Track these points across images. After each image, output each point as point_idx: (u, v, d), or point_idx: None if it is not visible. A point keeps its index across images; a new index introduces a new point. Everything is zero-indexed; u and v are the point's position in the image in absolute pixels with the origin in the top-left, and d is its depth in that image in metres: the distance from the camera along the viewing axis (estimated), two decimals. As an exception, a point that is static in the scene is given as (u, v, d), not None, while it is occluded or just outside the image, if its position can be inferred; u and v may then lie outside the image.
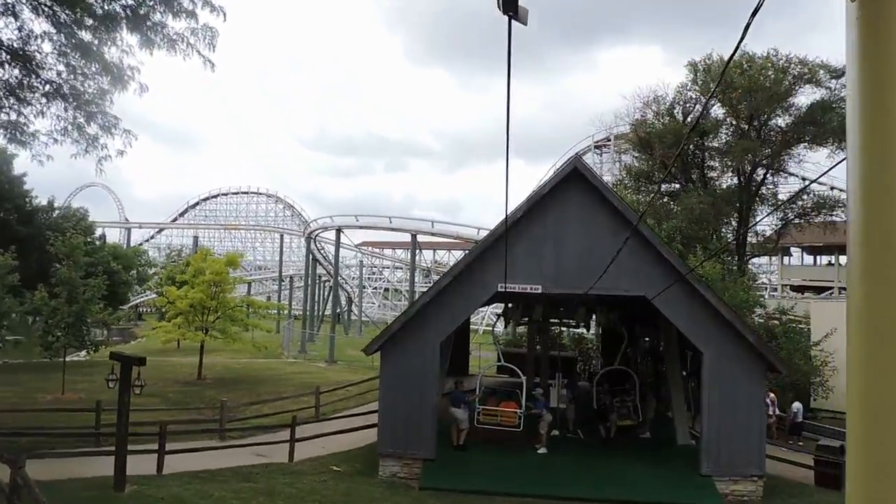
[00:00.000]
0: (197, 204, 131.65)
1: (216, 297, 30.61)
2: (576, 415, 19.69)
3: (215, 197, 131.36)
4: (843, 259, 54.88)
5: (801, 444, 22.39)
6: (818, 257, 58.69)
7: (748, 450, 15.58)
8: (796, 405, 23.26)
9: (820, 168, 34.42)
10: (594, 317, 22.66)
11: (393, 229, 46.38)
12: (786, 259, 59.31)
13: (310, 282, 54.52)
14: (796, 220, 35.59)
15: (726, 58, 33.72)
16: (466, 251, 23.82)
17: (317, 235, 53.16)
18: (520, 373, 18.41)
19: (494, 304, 59.43)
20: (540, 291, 15.99)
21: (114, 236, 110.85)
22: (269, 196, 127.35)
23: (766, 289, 53.98)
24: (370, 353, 16.42)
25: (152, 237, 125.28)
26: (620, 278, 15.90)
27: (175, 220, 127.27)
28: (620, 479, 15.90)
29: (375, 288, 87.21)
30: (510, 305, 20.69)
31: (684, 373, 22.42)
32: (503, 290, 15.83)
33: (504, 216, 11.87)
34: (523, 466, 16.35)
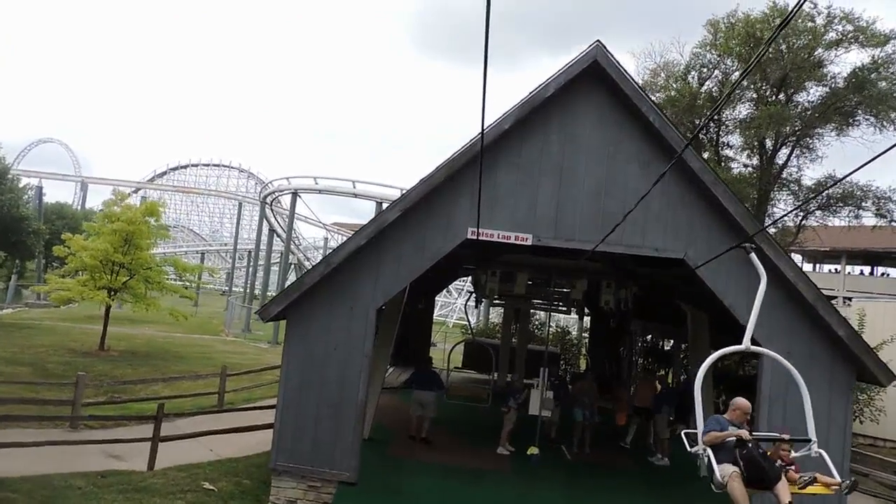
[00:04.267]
0: (165, 173, 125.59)
1: (128, 251, 24.92)
2: (560, 421, 14.66)
3: (185, 167, 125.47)
4: (850, 268, 50.47)
5: None
6: (818, 265, 54.12)
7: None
8: None
9: (847, 152, 29.54)
10: (594, 299, 17.23)
11: (356, 195, 40.72)
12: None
13: (262, 254, 48.76)
14: (818, 212, 30.77)
15: (752, 16, 28.91)
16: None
17: (273, 201, 47.36)
18: (493, 355, 13.58)
19: (462, 285, 54.23)
20: (530, 242, 10.71)
21: (69, 197, 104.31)
22: (241, 171, 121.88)
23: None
24: (268, 319, 11.06)
25: (115, 205, 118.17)
26: (650, 232, 10.74)
27: (138, 190, 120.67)
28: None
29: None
30: (484, 276, 15.43)
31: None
32: (475, 237, 10.54)
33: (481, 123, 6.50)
34: (484, 501, 11.08)
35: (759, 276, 7.29)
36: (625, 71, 10.50)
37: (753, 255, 7.20)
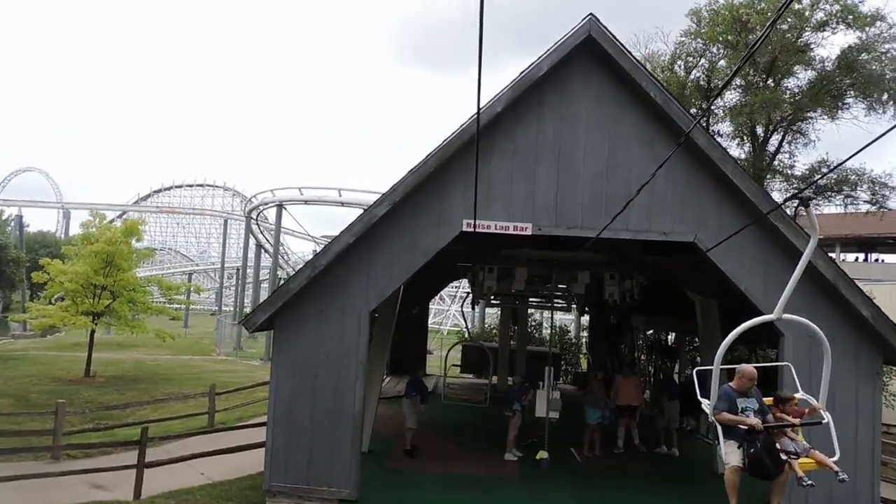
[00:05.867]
0: (149, 196, 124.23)
1: (110, 273, 24.05)
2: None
3: (168, 189, 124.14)
4: (843, 255, 50.03)
5: None
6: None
7: (854, 489, 9.79)
8: None
9: (841, 133, 29.12)
10: (597, 293, 16.43)
11: (343, 203, 40.05)
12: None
13: (248, 270, 47.88)
14: (812, 197, 30.27)
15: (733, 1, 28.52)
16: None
17: (258, 215, 46.56)
18: (491, 357, 13.01)
19: (455, 291, 53.42)
20: (530, 232, 10.05)
21: (51, 225, 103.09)
22: (227, 189, 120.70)
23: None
24: (254, 329, 10.34)
25: (92, 225, 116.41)
26: (657, 215, 10.11)
27: (123, 214, 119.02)
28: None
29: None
30: (481, 273, 14.74)
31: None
32: (471, 229, 9.87)
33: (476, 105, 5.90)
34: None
35: (811, 232, 6.53)
36: (621, 45, 9.88)
37: (811, 209, 6.48)
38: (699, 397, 7.60)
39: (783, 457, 7.12)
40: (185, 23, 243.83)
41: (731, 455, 7.22)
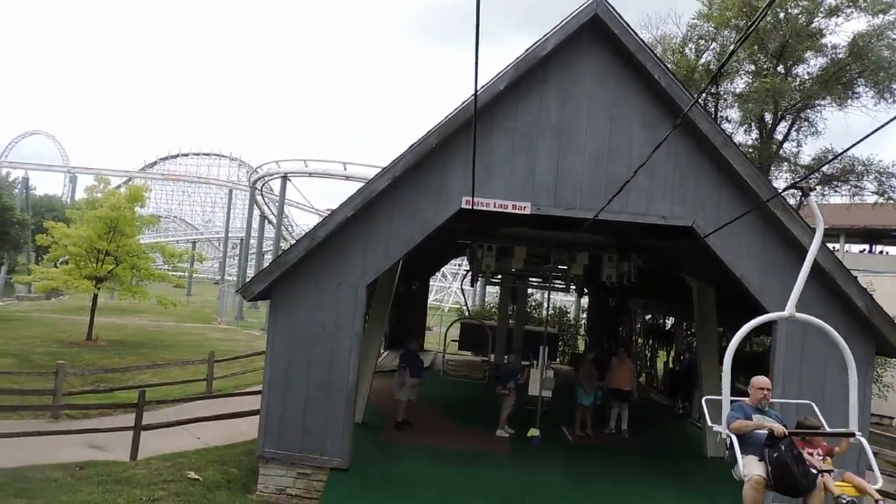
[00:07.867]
0: (155, 163, 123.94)
1: (113, 239, 24.16)
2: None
3: (175, 157, 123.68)
4: (848, 246, 49.84)
5: None
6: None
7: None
8: None
9: (850, 123, 28.91)
10: (595, 274, 16.37)
11: (348, 177, 40.11)
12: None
13: (252, 240, 48.06)
14: (818, 188, 30.08)
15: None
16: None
17: (263, 186, 46.68)
18: (490, 335, 13.11)
19: (457, 269, 53.52)
20: (529, 211, 10.08)
21: (58, 189, 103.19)
22: (233, 160, 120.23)
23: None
24: (251, 298, 10.45)
25: (97, 190, 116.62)
26: (657, 199, 10.13)
27: (129, 180, 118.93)
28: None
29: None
30: (480, 251, 14.79)
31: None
32: (470, 206, 9.91)
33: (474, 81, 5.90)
34: (484, 486, 10.49)
35: (816, 224, 6.29)
36: (628, 25, 9.82)
37: (812, 198, 6.35)
38: (710, 422, 6.73)
39: (814, 471, 6.02)
40: (184, 23, 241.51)
41: (751, 466, 6.07)
